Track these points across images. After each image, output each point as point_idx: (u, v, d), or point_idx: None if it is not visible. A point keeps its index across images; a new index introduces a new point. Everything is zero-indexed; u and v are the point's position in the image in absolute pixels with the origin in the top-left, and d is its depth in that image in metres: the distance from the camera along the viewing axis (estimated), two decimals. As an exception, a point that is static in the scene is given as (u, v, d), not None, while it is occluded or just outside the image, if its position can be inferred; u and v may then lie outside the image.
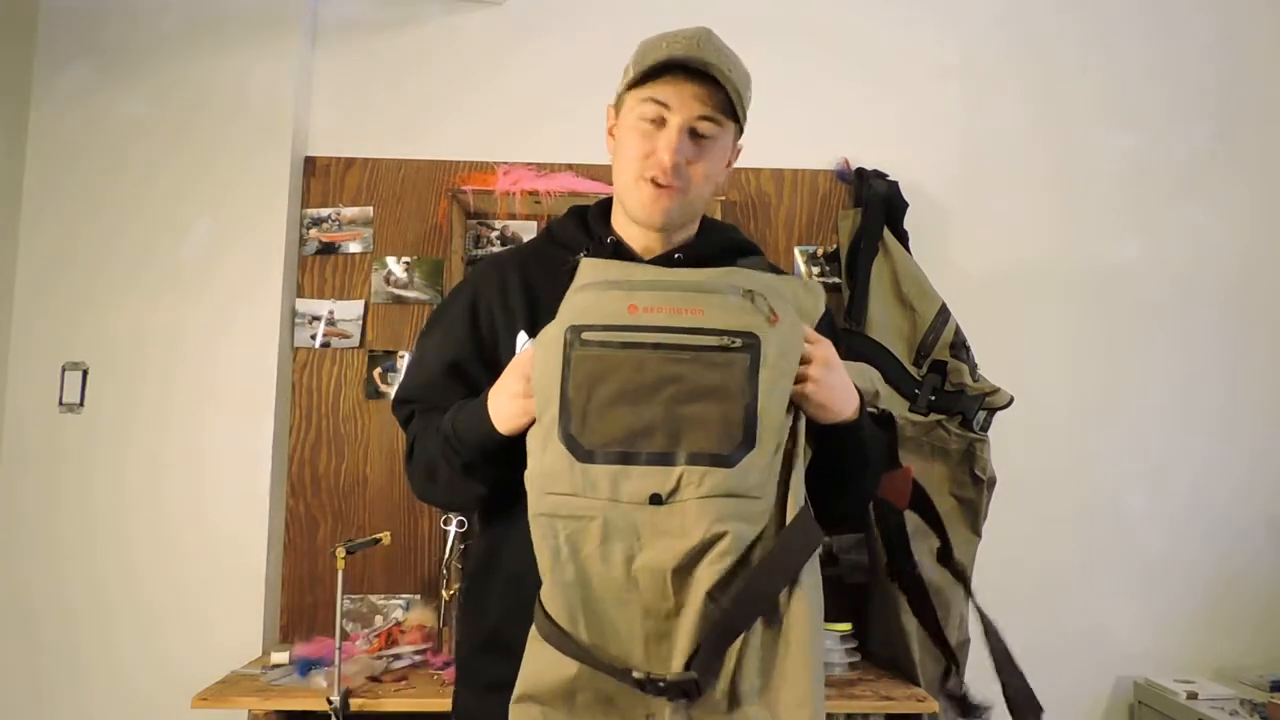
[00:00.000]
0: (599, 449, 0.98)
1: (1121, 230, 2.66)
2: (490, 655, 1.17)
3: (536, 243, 1.34)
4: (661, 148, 1.15)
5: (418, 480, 1.25)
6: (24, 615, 2.34)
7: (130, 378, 2.42)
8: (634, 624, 0.97)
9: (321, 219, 2.57)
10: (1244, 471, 2.60)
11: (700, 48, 1.15)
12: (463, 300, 1.28)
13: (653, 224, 1.20)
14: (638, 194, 1.18)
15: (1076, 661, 2.51)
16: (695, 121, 1.16)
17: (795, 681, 0.96)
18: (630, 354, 0.99)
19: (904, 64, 2.67)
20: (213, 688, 1.99)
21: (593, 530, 0.97)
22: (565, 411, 0.99)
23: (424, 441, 1.22)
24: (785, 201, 2.62)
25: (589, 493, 0.97)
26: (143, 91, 2.50)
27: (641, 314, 1.01)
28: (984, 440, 2.28)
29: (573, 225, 1.28)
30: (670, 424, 0.97)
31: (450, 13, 2.64)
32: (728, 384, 0.99)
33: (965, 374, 2.29)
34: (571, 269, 1.10)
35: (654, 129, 1.16)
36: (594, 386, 0.99)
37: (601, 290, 1.04)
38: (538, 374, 1.02)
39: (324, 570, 2.42)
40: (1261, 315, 2.64)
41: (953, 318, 2.35)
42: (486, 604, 1.21)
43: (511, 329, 1.21)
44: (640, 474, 0.97)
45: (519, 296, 1.22)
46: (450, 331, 1.26)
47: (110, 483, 2.38)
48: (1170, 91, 2.69)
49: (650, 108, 1.15)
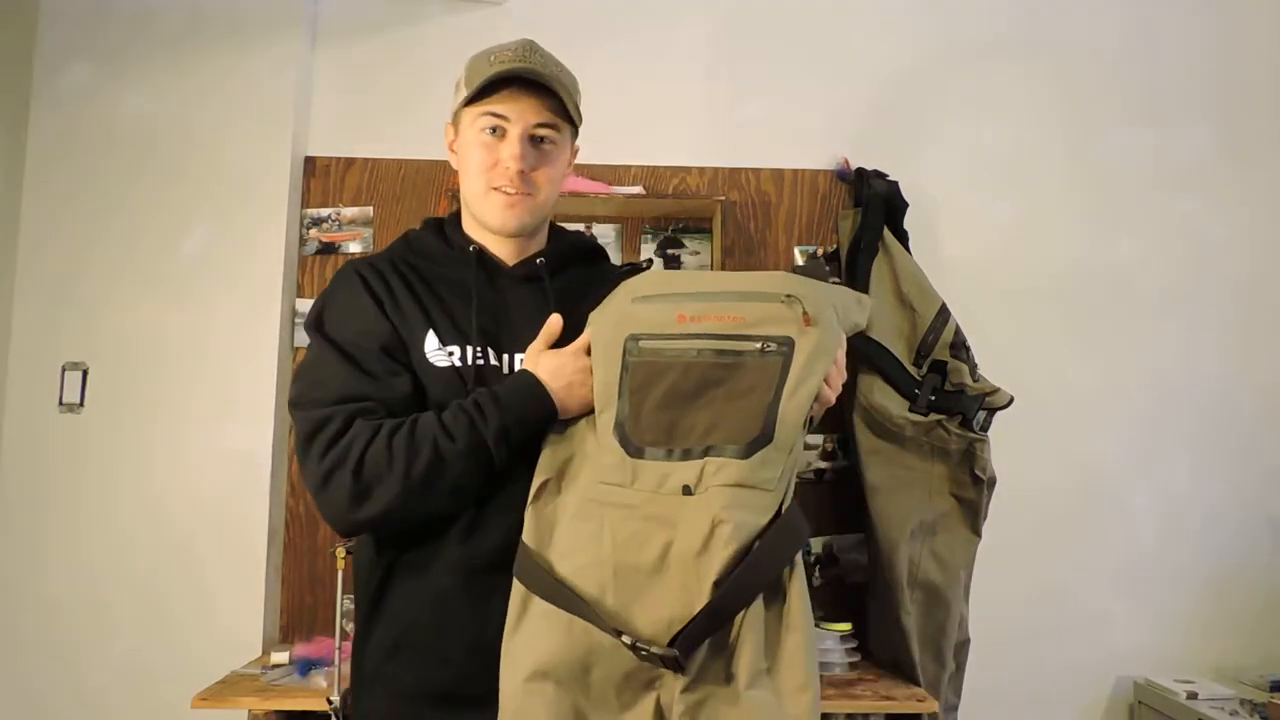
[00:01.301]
0: (646, 445, 1.08)
1: (1121, 230, 2.65)
2: (399, 660, 1.17)
3: (397, 251, 1.30)
4: (506, 158, 1.22)
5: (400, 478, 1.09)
6: (24, 615, 2.35)
7: (130, 378, 2.42)
8: (657, 603, 1.01)
9: (321, 219, 2.57)
10: (1244, 471, 2.60)
11: (527, 59, 1.22)
12: (360, 294, 1.22)
13: (507, 230, 1.26)
14: (489, 204, 1.24)
15: (1076, 661, 2.52)
16: (534, 129, 1.22)
17: (795, 665, 1.01)
18: (677, 360, 1.10)
19: (904, 64, 2.67)
20: (213, 688, 1.99)
21: (634, 518, 1.04)
22: (621, 412, 1.10)
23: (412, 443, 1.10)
24: (785, 201, 2.62)
25: (636, 485, 1.06)
26: (143, 91, 2.50)
27: (689, 322, 1.11)
28: (984, 440, 2.28)
29: (431, 236, 1.32)
30: (705, 421, 1.07)
31: (450, 12, 2.64)
32: (758, 384, 1.07)
33: (965, 374, 2.29)
34: (616, 279, 1.21)
35: (495, 140, 1.23)
36: (646, 390, 1.10)
37: (656, 302, 1.15)
38: (598, 374, 1.13)
39: (324, 570, 2.42)
40: (1261, 314, 2.64)
41: (953, 318, 2.35)
42: (395, 610, 1.19)
43: (413, 329, 1.20)
44: (677, 468, 1.05)
45: (409, 300, 1.22)
46: (364, 321, 1.19)
47: (110, 482, 2.38)
48: (1171, 91, 2.69)
49: (488, 120, 1.22)
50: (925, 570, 2.27)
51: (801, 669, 1.00)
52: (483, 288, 1.25)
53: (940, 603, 2.27)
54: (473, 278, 1.25)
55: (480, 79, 1.20)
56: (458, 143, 1.29)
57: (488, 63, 1.22)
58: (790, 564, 1.03)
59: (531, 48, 1.24)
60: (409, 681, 1.16)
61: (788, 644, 1.01)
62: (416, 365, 1.19)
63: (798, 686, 1.00)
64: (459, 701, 1.13)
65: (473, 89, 1.21)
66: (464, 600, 1.14)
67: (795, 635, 1.01)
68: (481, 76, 1.20)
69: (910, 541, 2.27)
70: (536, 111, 1.22)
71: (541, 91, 1.22)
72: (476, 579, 1.14)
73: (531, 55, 1.23)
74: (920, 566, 2.27)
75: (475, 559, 1.14)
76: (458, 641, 1.14)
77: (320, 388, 1.17)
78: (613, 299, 1.19)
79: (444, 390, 1.17)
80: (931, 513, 2.29)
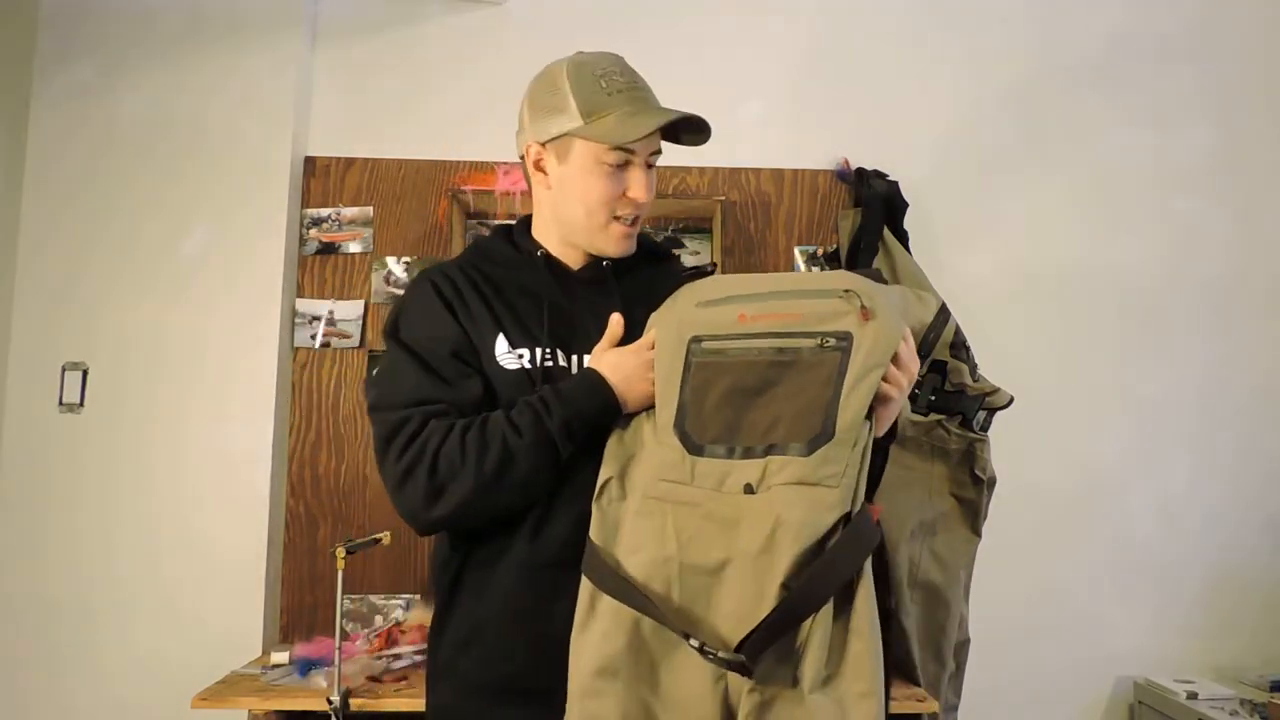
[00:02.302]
0: (707, 444, 1.09)
1: (1121, 230, 2.66)
2: (469, 656, 1.19)
3: (469, 258, 1.34)
4: (635, 190, 1.23)
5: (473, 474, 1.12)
6: (23, 615, 2.35)
7: (130, 378, 2.42)
8: (722, 602, 1.02)
9: (321, 219, 2.57)
10: (1244, 471, 2.60)
11: (686, 113, 1.22)
12: (432, 300, 1.25)
13: (620, 255, 1.28)
14: (609, 234, 1.26)
15: (1076, 661, 2.52)
16: (650, 157, 1.25)
17: (860, 671, 1.01)
18: (739, 359, 1.11)
19: (904, 64, 2.67)
20: (213, 688, 1.99)
21: (696, 516, 1.06)
22: (682, 410, 1.11)
23: (482, 441, 1.13)
24: (785, 201, 2.62)
25: (697, 482, 1.08)
26: (143, 91, 2.50)
27: (750, 322, 1.13)
28: (984, 440, 2.27)
29: (501, 242, 1.34)
30: (767, 419, 1.07)
31: (450, 12, 2.64)
32: (818, 380, 1.07)
33: (965, 374, 2.28)
34: (681, 280, 1.23)
35: (617, 170, 1.22)
36: (707, 388, 1.11)
37: (718, 305, 1.16)
38: (660, 373, 1.15)
39: (324, 570, 2.42)
40: (1261, 314, 2.64)
41: (952, 317, 2.35)
42: (467, 606, 1.21)
43: (483, 333, 1.23)
44: (739, 466, 1.06)
45: (479, 305, 1.25)
46: (437, 327, 1.23)
47: (110, 483, 2.38)
48: (1171, 91, 2.70)
49: (618, 155, 1.22)
50: (925, 570, 2.27)
51: (866, 676, 1.00)
52: (552, 291, 1.27)
53: (940, 603, 2.27)
54: (543, 282, 1.27)
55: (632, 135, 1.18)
56: (562, 168, 1.24)
57: (622, 97, 1.20)
58: (859, 570, 1.02)
59: (636, 76, 1.25)
60: (475, 677, 1.19)
61: (853, 649, 1.01)
62: (487, 367, 1.21)
63: (860, 694, 1.00)
64: (523, 695, 1.15)
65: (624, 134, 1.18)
66: (531, 597, 1.17)
67: (860, 641, 1.01)
68: (617, 111, 1.19)
69: (910, 541, 2.27)
70: (656, 141, 1.25)
71: None
72: (543, 575, 1.16)
73: (649, 89, 1.25)
74: (920, 566, 2.27)
75: (541, 556, 1.16)
76: (524, 637, 1.16)
77: (396, 392, 1.21)
78: (675, 301, 1.21)
79: (514, 391, 1.20)
80: (931, 513, 2.29)
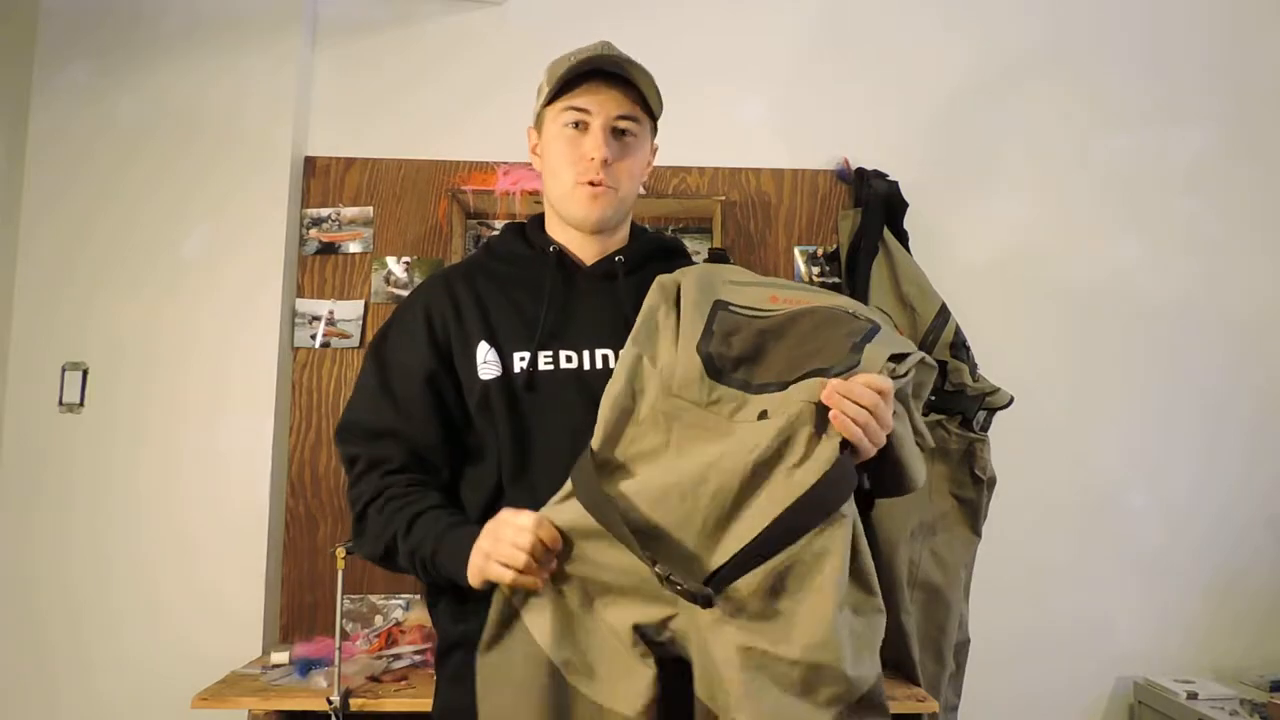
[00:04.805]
0: (728, 372, 1.07)
1: (1121, 230, 2.65)
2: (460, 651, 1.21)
3: (478, 258, 1.36)
4: (589, 148, 1.23)
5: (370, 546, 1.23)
6: (23, 615, 2.34)
7: (130, 378, 2.41)
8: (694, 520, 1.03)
9: (321, 219, 2.57)
10: (1244, 470, 2.60)
11: (606, 51, 1.23)
12: (417, 315, 1.28)
13: (590, 223, 1.27)
14: (575, 198, 1.26)
15: (1076, 661, 2.52)
16: (615, 121, 1.25)
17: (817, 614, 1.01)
18: (767, 318, 1.12)
19: (904, 64, 2.67)
20: (213, 688, 1.98)
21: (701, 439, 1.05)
22: (707, 334, 1.10)
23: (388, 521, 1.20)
24: (785, 201, 2.62)
25: (710, 407, 1.06)
26: (143, 91, 2.50)
27: (782, 303, 1.14)
28: (984, 440, 2.28)
29: (513, 239, 1.34)
30: (790, 362, 1.07)
31: (450, 12, 2.64)
32: (845, 332, 1.09)
33: (965, 374, 2.29)
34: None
35: (579, 134, 1.24)
36: (734, 332, 1.11)
37: (748, 286, 1.18)
38: (686, 315, 1.13)
39: (324, 570, 2.42)
40: (1264, 315, 2.64)
41: (952, 318, 2.35)
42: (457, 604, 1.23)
43: (468, 342, 1.24)
44: (754, 399, 1.06)
45: (472, 311, 1.26)
46: (414, 356, 1.26)
47: (110, 483, 2.38)
48: (1171, 91, 2.69)
49: (571, 115, 1.24)
50: (925, 570, 2.27)
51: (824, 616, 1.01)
52: (556, 287, 1.26)
53: (940, 603, 2.27)
54: (549, 277, 1.26)
55: (560, 74, 1.23)
56: (541, 144, 1.30)
57: (567, 61, 1.24)
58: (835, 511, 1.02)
59: (608, 46, 1.26)
60: None
61: (815, 590, 1.01)
62: (466, 383, 1.23)
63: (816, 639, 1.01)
64: None
65: (554, 86, 1.23)
66: None
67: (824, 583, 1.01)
68: (560, 72, 1.23)
69: (910, 541, 2.27)
70: (617, 103, 1.24)
71: (621, 84, 1.24)
72: None
73: (609, 49, 1.25)
74: (920, 566, 2.27)
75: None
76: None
77: (359, 420, 1.26)
78: (697, 270, 1.21)
79: (486, 403, 1.21)
80: (931, 513, 2.29)
